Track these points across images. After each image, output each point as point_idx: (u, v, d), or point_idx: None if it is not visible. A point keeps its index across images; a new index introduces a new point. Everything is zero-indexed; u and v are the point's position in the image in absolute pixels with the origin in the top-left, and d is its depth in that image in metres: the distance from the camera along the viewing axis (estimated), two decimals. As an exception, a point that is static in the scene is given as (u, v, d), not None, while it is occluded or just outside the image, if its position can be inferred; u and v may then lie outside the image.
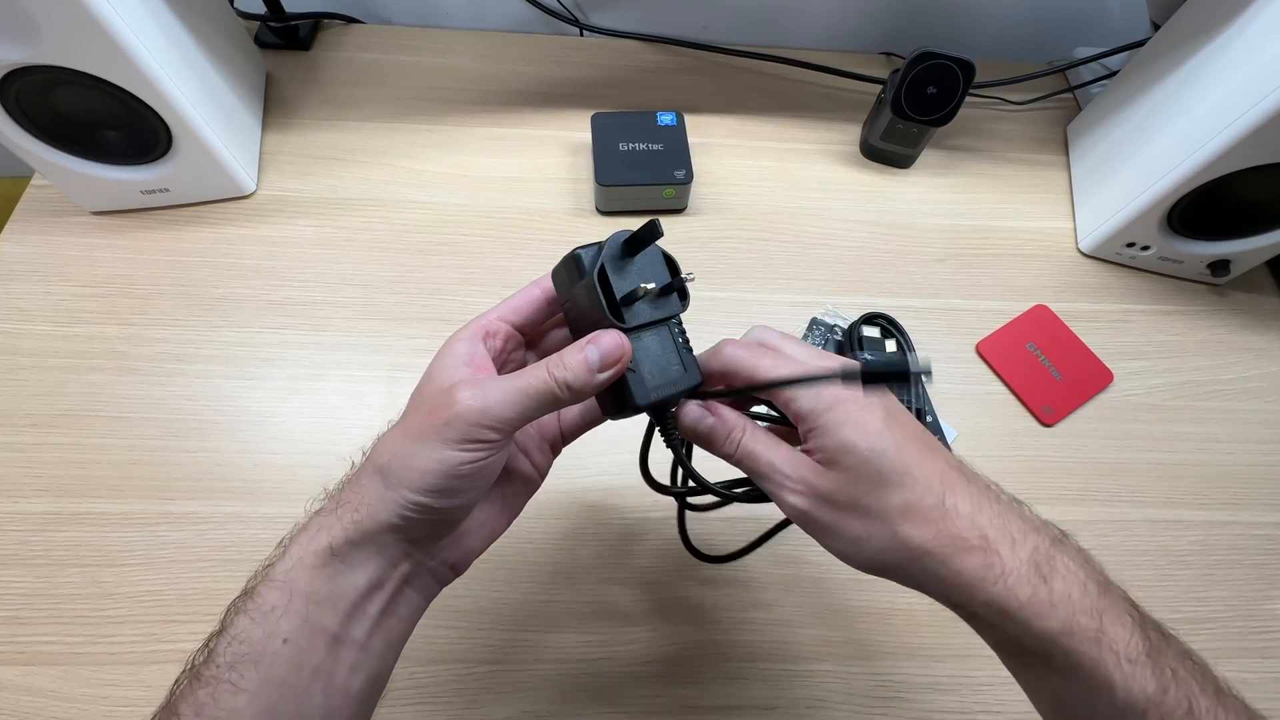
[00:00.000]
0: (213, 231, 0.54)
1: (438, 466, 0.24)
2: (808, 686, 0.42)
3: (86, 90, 0.44)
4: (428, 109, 0.62)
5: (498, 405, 0.24)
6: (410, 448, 0.24)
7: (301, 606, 0.24)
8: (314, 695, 0.24)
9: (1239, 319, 0.57)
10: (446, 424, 0.24)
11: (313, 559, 0.24)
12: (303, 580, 0.24)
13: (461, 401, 0.24)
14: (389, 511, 0.24)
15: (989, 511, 0.25)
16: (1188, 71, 0.52)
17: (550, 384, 0.25)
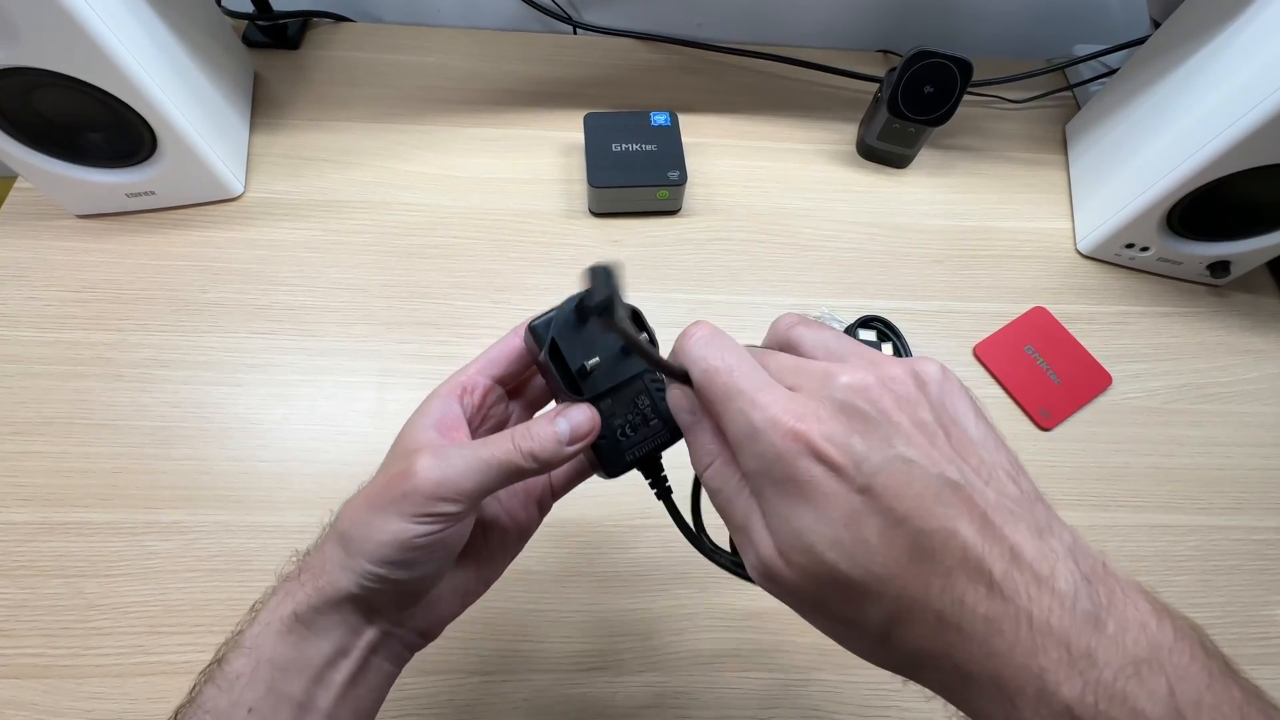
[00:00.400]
0: (200, 235, 0.53)
1: (392, 539, 0.23)
2: (803, 695, 0.41)
3: (68, 92, 0.43)
4: (418, 109, 0.61)
5: (458, 476, 0.23)
6: (368, 517, 0.23)
7: (267, 674, 0.23)
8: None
9: (1239, 321, 0.57)
10: (404, 495, 0.23)
11: (279, 625, 0.24)
12: (269, 647, 0.24)
13: (419, 473, 0.23)
14: (348, 580, 0.23)
15: (1014, 630, 0.17)
16: (1188, 70, 0.51)
17: (515, 455, 0.23)
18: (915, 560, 0.18)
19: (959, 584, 0.17)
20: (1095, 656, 0.16)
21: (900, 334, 0.51)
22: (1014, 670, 0.17)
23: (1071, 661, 0.16)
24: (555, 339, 0.25)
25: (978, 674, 0.17)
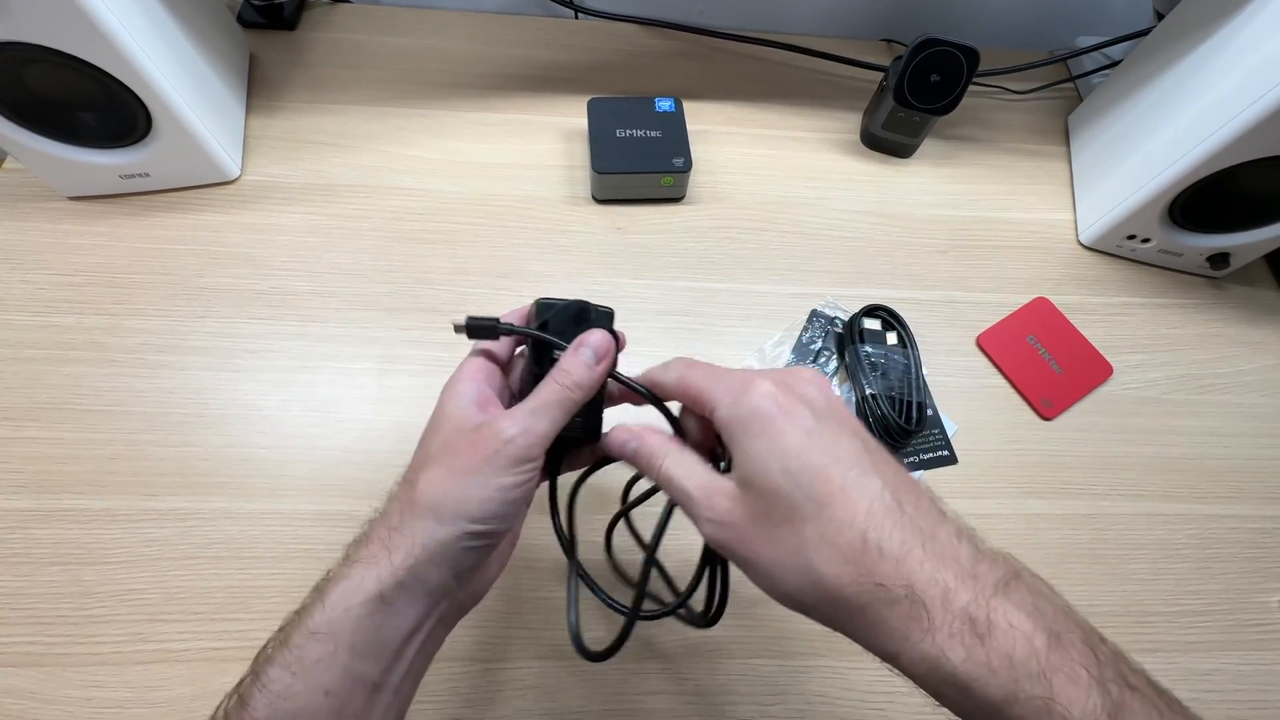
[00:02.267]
0: (195, 218, 0.52)
1: (496, 494, 0.25)
2: (808, 682, 0.41)
3: (60, 69, 0.42)
4: (418, 92, 0.60)
5: (535, 425, 0.26)
6: (462, 482, 0.26)
7: (345, 658, 0.24)
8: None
9: (1237, 313, 0.57)
10: (496, 453, 0.26)
11: (360, 608, 0.24)
12: (348, 631, 0.24)
13: (504, 432, 0.26)
14: (446, 546, 0.25)
15: (921, 552, 0.22)
16: (1191, 62, 0.51)
17: (563, 391, 0.27)
18: (849, 484, 0.23)
19: (878, 513, 0.22)
20: (978, 573, 0.22)
21: (905, 323, 0.51)
22: (925, 582, 0.21)
23: (962, 576, 0.21)
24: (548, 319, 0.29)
25: (894, 590, 0.21)
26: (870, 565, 0.22)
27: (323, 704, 0.23)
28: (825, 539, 0.22)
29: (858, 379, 0.49)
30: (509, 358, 0.31)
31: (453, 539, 0.25)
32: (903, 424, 0.47)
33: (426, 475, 0.26)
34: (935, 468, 0.48)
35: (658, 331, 0.51)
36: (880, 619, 0.21)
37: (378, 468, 0.44)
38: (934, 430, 0.49)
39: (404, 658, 0.26)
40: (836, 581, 0.22)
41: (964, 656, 0.20)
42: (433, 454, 0.27)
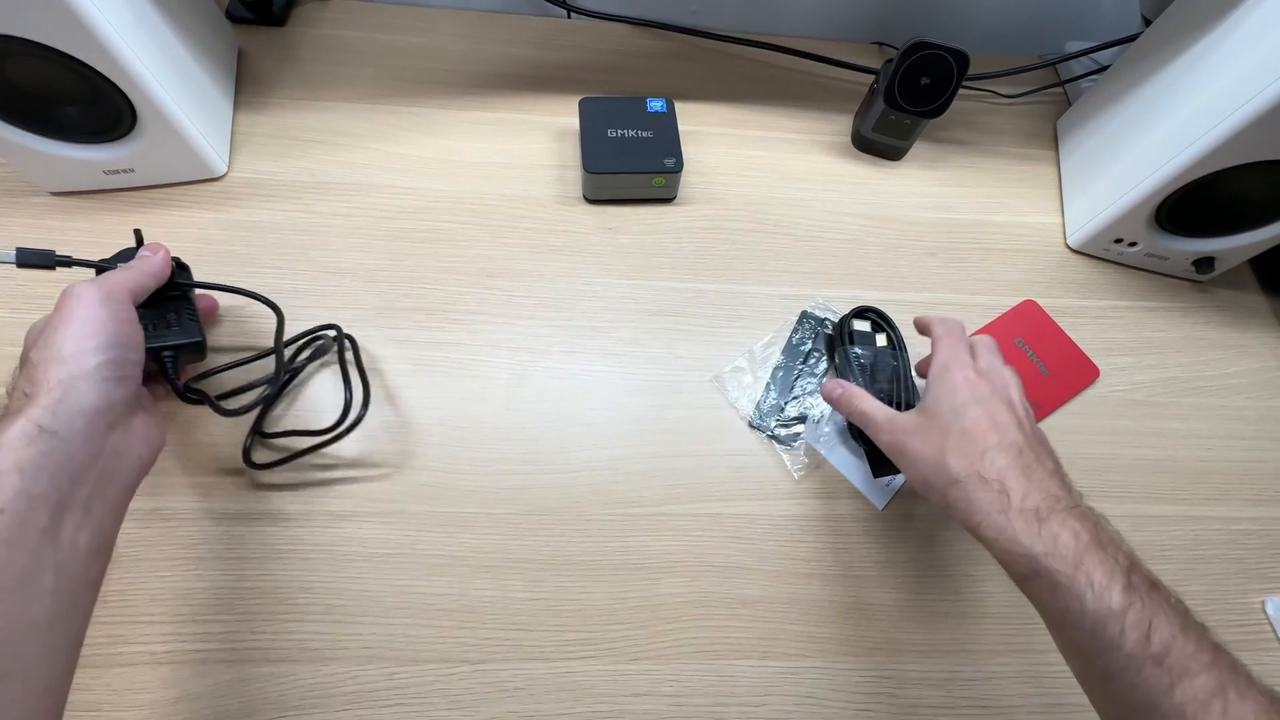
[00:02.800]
0: (181, 215, 0.51)
1: (99, 327, 0.32)
2: (796, 683, 0.41)
3: (42, 62, 0.41)
4: (409, 90, 0.60)
5: (130, 274, 0.36)
6: (64, 332, 0.31)
7: (15, 480, 0.26)
8: (42, 549, 0.27)
9: (1222, 316, 0.58)
10: (90, 294, 0.33)
11: (19, 437, 0.27)
12: (10, 457, 0.27)
13: (74, 288, 0.33)
14: (89, 375, 0.30)
15: (1018, 473, 0.33)
16: (1178, 68, 0.52)
17: (140, 273, 0.38)
18: (985, 425, 0.35)
19: (1002, 447, 0.34)
20: (1056, 495, 0.33)
21: (894, 325, 0.51)
22: (1012, 486, 0.32)
23: (1041, 493, 0.32)
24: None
25: (990, 481, 0.33)
26: (980, 467, 0.33)
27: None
28: (958, 446, 0.34)
29: (847, 380, 0.48)
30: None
31: (90, 371, 0.30)
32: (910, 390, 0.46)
33: (43, 336, 0.31)
34: None
35: (648, 332, 0.51)
36: (976, 497, 0.32)
37: (364, 467, 0.44)
38: (923, 432, 0.50)
39: (85, 482, 0.29)
40: (955, 469, 0.33)
41: (1023, 528, 0.31)
42: (26, 351, 0.32)
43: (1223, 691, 0.25)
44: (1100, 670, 0.27)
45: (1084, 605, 0.28)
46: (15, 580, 0.26)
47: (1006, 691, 0.43)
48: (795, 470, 0.47)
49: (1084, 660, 0.29)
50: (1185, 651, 0.26)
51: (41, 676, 0.26)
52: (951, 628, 0.44)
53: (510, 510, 0.44)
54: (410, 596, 0.41)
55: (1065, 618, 0.29)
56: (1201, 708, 0.24)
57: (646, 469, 0.46)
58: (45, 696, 0.26)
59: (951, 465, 0.33)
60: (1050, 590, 0.29)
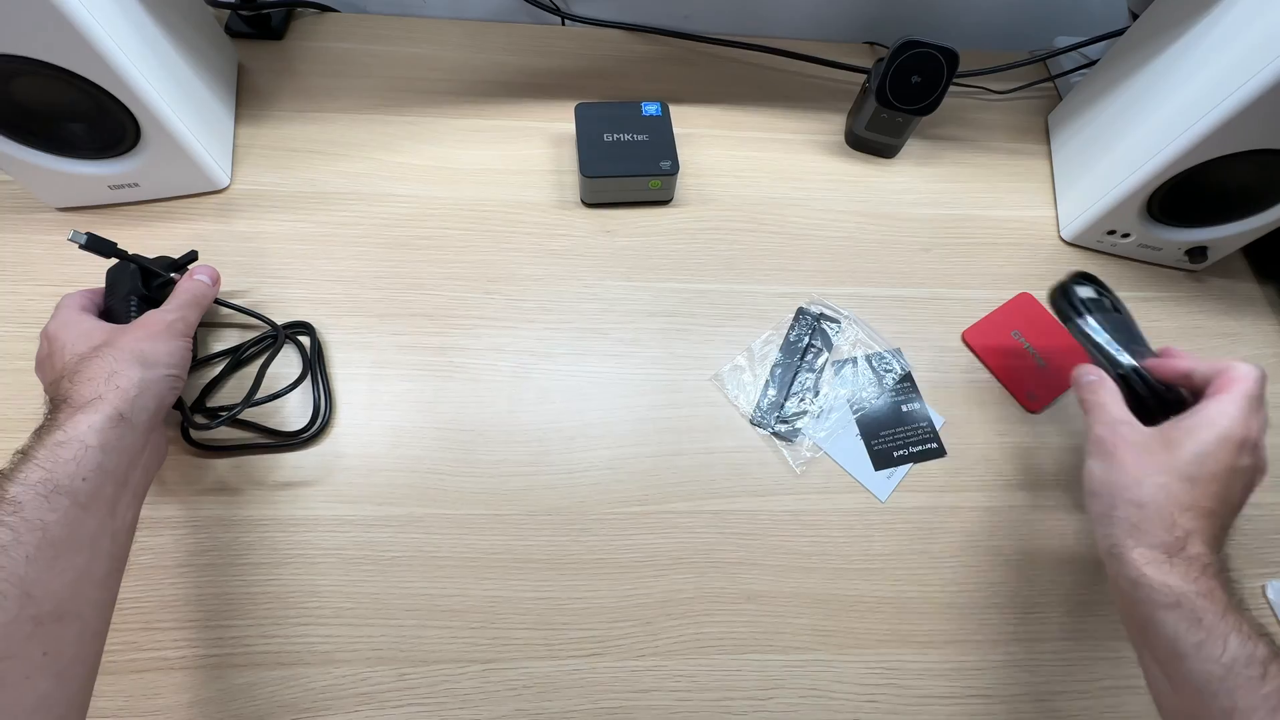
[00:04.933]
0: (186, 227, 0.52)
1: (178, 350, 0.39)
2: (802, 676, 0.42)
3: (48, 81, 0.42)
4: (406, 100, 0.61)
5: (187, 313, 0.41)
6: (153, 344, 0.37)
7: (98, 456, 0.31)
8: (105, 520, 0.32)
9: (1216, 305, 0.58)
10: (169, 326, 0.39)
11: (105, 422, 0.32)
12: (95, 437, 0.32)
13: (166, 316, 0.40)
14: (156, 384, 0.36)
15: (1206, 541, 0.32)
16: (1166, 60, 0.52)
17: (198, 289, 0.44)
18: (1221, 481, 0.34)
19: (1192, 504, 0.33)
20: (1196, 558, 0.32)
21: (1111, 290, 0.45)
22: (1195, 542, 0.32)
23: (1189, 563, 0.32)
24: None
25: (1178, 527, 0.33)
26: (1176, 515, 0.32)
27: (81, 487, 0.30)
28: (1172, 487, 0.33)
29: (1108, 354, 0.42)
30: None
31: (159, 379, 0.36)
32: (1166, 395, 0.40)
33: (121, 342, 0.36)
34: (924, 460, 0.49)
35: (648, 332, 0.52)
36: (1149, 530, 0.33)
37: (370, 471, 0.45)
38: (922, 423, 0.50)
39: (136, 467, 0.34)
40: (1150, 498, 0.33)
41: (1183, 570, 0.31)
42: (99, 340, 0.37)
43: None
44: (1225, 708, 0.28)
45: (1230, 642, 0.29)
46: (88, 539, 0.30)
47: (1009, 680, 0.43)
48: (796, 465, 0.47)
49: (1203, 697, 0.29)
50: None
51: (94, 624, 0.31)
52: (954, 619, 0.44)
53: (515, 511, 0.45)
54: (418, 598, 0.42)
55: (1200, 652, 0.29)
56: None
57: (649, 468, 0.47)
58: (94, 642, 0.31)
59: (1148, 493, 0.33)
60: (1191, 623, 0.30)
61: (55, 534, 0.29)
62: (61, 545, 0.29)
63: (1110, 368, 0.41)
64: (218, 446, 0.44)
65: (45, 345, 0.39)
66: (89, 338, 0.37)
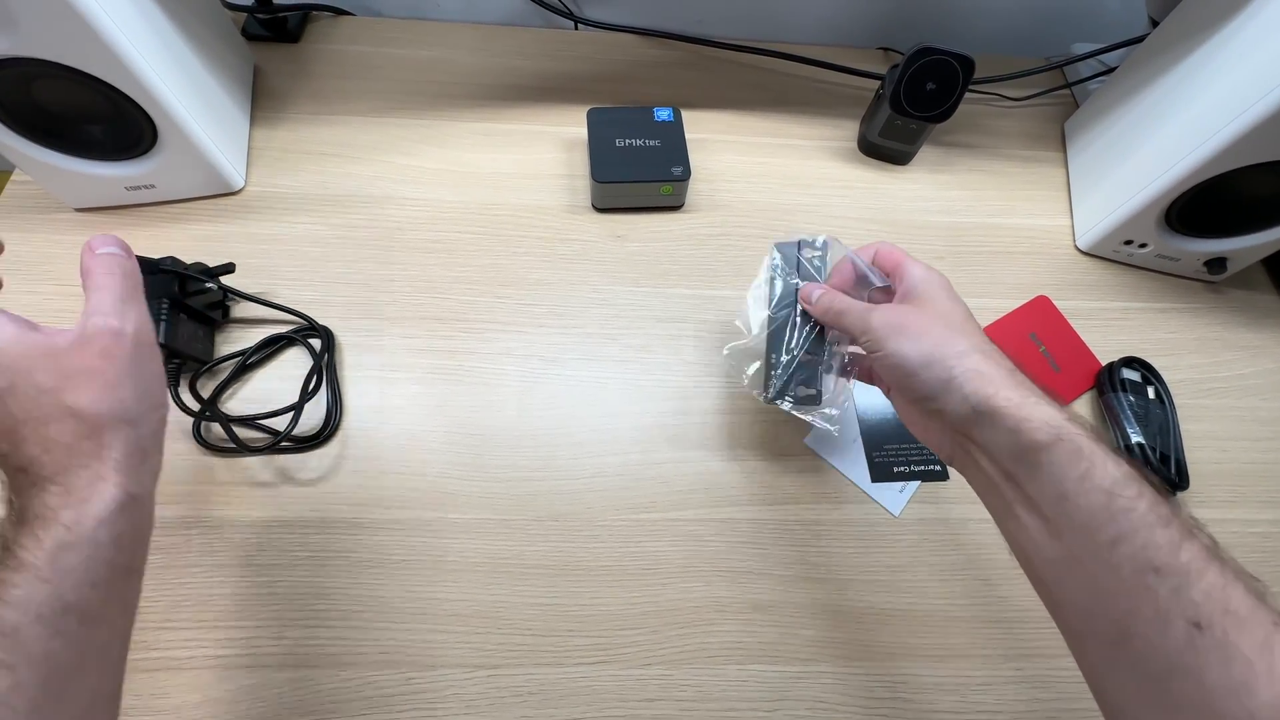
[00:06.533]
0: (200, 229, 0.52)
1: (154, 378, 0.29)
2: (808, 688, 0.42)
3: (68, 84, 0.43)
4: (420, 103, 0.61)
5: (136, 314, 0.29)
6: (124, 386, 0.27)
7: (108, 553, 0.25)
8: (121, 621, 0.27)
9: (1235, 317, 0.57)
10: (136, 349, 0.28)
11: (114, 515, 0.25)
12: (106, 535, 0.25)
13: (122, 330, 0.28)
14: (153, 436, 0.29)
15: (1009, 365, 0.32)
16: (1186, 68, 0.52)
17: (121, 276, 0.30)
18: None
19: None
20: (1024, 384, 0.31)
21: (1162, 378, 0.52)
22: (1010, 366, 0.32)
23: (1016, 385, 0.30)
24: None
25: (996, 355, 0.32)
26: (984, 346, 0.32)
27: (91, 596, 0.24)
28: (964, 327, 0.33)
29: (1121, 427, 0.49)
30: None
31: (156, 430, 0.28)
32: (1174, 479, 0.48)
33: (80, 399, 0.25)
34: (926, 480, 0.48)
35: (657, 338, 0.51)
36: (987, 370, 0.31)
37: (379, 474, 0.45)
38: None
39: (144, 543, 0.28)
40: (966, 342, 0.32)
41: (1043, 399, 0.30)
42: (48, 386, 0.25)
43: (1220, 555, 0.25)
44: (1111, 536, 0.26)
45: (1108, 467, 0.26)
46: (98, 653, 0.25)
47: (1019, 697, 0.42)
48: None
49: (1089, 531, 0.26)
50: (1185, 519, 0.26)
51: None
52: (964, 632, 0.44)
53: (523, 516, 0.45)
54: (425, 602, 0.42)
55: (1084, 484, 0.27)
56: (1204, 565, 0.24)
57: (657, 474, 0.47)
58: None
59: (960, 339, 0.32)
60: (1073, 454, 0.27)
61: (62, 661, 0.23)
62: (70, 672, 0.24)
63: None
64: (228, 448, 0.44)
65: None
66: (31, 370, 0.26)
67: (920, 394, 0.33)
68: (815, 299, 0.39)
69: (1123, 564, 0.25)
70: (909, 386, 0.33)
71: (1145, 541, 0.25)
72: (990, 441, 0.30)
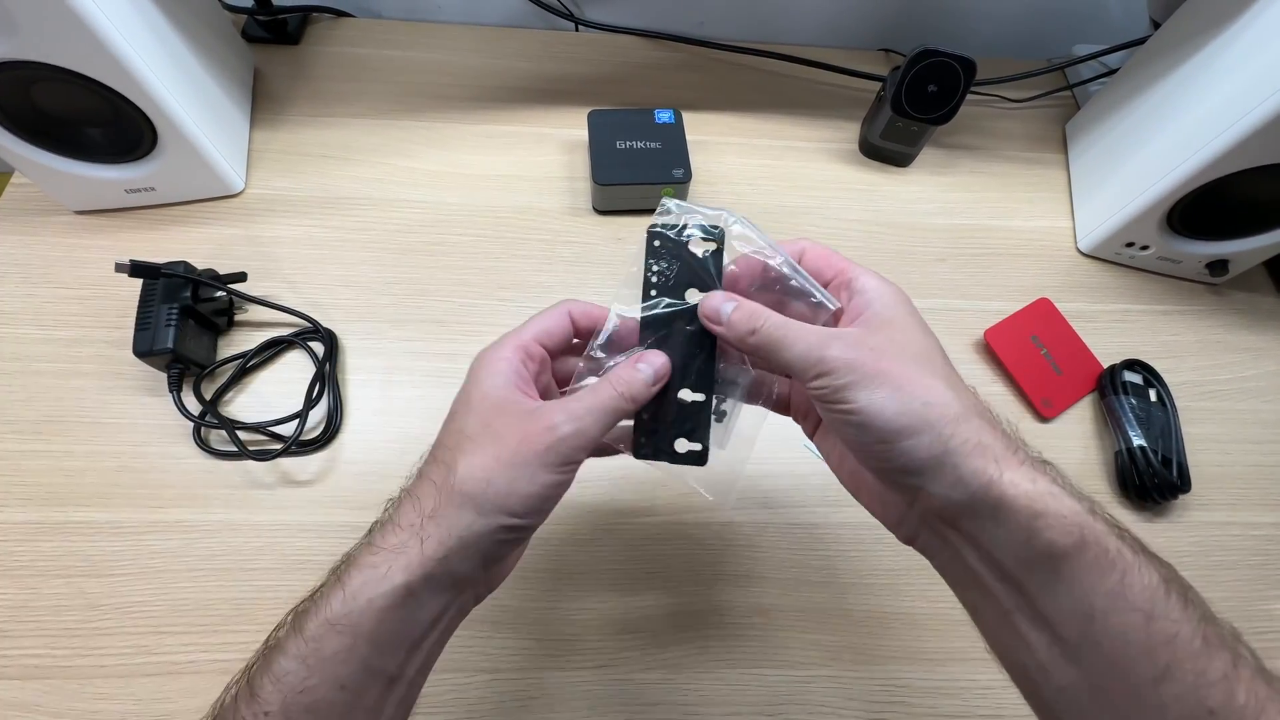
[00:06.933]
0: (200, 232, 0.52)
1: (541, 490, 0.25)
2: (810, 692, 0.41)
3: (68, 86, 0.43)
4: (420, 105, 0.61)
5: (589, 427, 0.25)
6: (509, 473, 0.24)
7: (364, 651, 0.23)
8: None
9: (1237, 319, 0.57)
10: (549, 449, 0.25)
11: (384, 599, 0.23)
12: (369, 624, 0.23)
13: (560, 428, 0.25)
14: (481, 538, 0.24)
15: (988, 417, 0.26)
16: (1188, 71, 0.52)
17: (619, 400, 0.26)
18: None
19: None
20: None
21: (1164, 380, 0.52)
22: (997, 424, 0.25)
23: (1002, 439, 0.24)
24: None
25: (987, 414, 0.25)
26: (972, 399, 0.25)
27: (338, 698, 0.23)
28: (945, 372, 0.25)
29: (1123, 429, 0.49)
30: (561, 345, 0.29)
31: (490, 531, 0.24)
32: (1175, 481, 0.47)
33: (468, 460, 0.25)
34: None
35: (658, 341, 0.51)
36: (986, 441, 0.24)
37: (381, 478, 0.45)
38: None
39: (422, 650, 0.25)
40: (960, 400, 0.24)
41: (1056, 480, 0.23)
42: (471, 434, 0.25)
43: (1268, 678, 0.22)
44: (1152, 673, 0.21)
45: (1143, 575, 0.22)
46: None
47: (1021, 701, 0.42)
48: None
49: (1124, 664, 0.21)
50: (1226, 629, 0.22)
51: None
52: (966, 635, 0.44)
53: (524, 520, 0.45)
54: (426, 606, 0.42)
55: (1116, 601, 0.21)
56: (1262, 704, 0.21)
57: (658, 478, 0.47)
58: None
59: (947, 391, 0.24)
60: (1101, 563, 0.21)
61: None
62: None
63: None
64: (229, 451, 0.44)
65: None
66: (463, 432, 0.26)
67: (895, 466, 0.24)
68: (728, 316, 0.27)
69: (1168, 706, 0.21)
70: (880, 455, 0.24)
71: (1196, 680, 0.20)
72: (990, 539, 0.23)
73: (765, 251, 0.29)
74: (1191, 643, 0.21)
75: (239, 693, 0.23)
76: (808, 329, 0.25)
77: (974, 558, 0.24)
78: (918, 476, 0.24)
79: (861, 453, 0.25)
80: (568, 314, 0.29)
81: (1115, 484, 0.49)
